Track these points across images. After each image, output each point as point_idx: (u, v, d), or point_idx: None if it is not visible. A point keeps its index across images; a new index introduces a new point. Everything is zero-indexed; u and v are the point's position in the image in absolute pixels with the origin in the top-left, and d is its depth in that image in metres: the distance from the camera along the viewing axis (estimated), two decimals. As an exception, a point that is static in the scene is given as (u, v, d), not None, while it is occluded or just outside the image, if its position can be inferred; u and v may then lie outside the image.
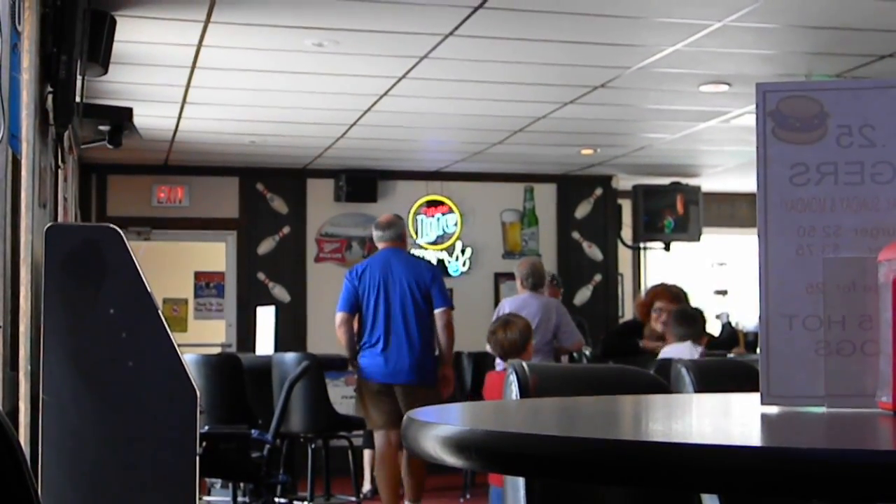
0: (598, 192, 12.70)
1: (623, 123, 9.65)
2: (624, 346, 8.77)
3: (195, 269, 14.09)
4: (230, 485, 7.60)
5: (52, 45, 4.50)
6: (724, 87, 8.05)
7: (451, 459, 1.26)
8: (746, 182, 12.49)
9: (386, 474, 7.70)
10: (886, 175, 1.50)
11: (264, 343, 9.91)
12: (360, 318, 7.76)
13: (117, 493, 3.56)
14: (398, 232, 7.82)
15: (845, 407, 1.45)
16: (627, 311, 12.75)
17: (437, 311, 7.60)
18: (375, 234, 7.93)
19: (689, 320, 7.65)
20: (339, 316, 7.78)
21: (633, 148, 10.83)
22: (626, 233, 12.89)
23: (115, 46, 6.11)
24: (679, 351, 7.27)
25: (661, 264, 12.91)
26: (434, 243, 12.09)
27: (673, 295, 8.86)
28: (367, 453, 9.23)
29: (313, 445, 8.25)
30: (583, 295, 12.58)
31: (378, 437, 7.77)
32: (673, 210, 12.58)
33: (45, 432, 3.48)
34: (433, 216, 12.13)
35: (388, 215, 8.18)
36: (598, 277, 12.70)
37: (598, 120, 9.38)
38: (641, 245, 13.02)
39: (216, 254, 12.32)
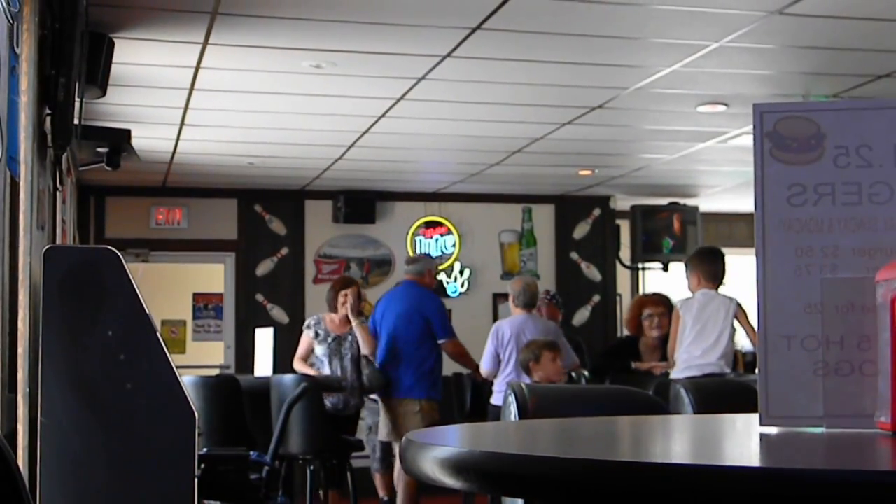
0: (597, 212, 12.71)
1: (621, 144, 9.66)
2: (613, 367, 8.78)
3: (193, 290, 14.09)
4: (228, 507, 7.57)
5: (50, 67, 4.51)
6: (722, 108, 8.07)
7: (449, 481, 1.26)
8: (744, 202, 12.51)
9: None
10: (884, 195, 1.50)
11: (263, 364, 9.89)
12: None
13: (115, 516, 3.55)
14: (418, 268, 8.77)
15: (844, 427, 1.45)
16: (626, 332, 12.75)
17: (440, 343, 8.59)
18: (404, 267, 9.17)
19: (713, 258, 7.68)
20: None
21: (631, 168, 10.84)
22: (625, 253, 12.89)
23: (114, 68, 6.12)
24: (709, 298, 7.34)
25: (660, 284, 12.90)
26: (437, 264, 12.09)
27: (658, 299, 8.91)
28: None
29: (312, 467, 8.23)
30: (581, 315, 12.58)
31: None
32: (671, 230, 12.58)
33: (43, 455, 3.47)
34: (431, 237, 12.14)
35: (420, 254, 10.33)
36: (596, 298, 12.70)
37: (596, 140, 9.39)
38: (640, 265, 13.01)
39: (215, 275, 12.31)
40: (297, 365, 8.67)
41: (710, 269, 7.62)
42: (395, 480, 8.51)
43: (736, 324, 7.45)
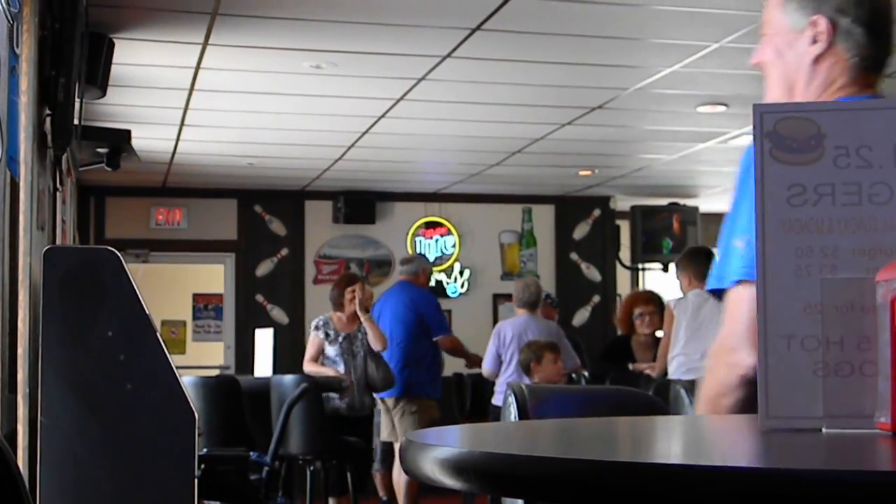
0: (597, 213, 12.72)
1: (621, 144, 9.66)
2: (612, 369, 8.80)
3: (193, 291, 14.09)
4: (228, 507, 7.57)
5: (50, 67, 4.51)
6: (722, 108, 8.07)
7: (449, 481, 1.26)
8: (744, 203, 12.49)
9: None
10: (884, 196, 1.50)
11: (263, 365, 9.89)
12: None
13: (115, 516, 3.55)
14: (413, 268, 8.97)
15: (844, 428, 1.45)
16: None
17: (436, 339, 8.77)
18: (398, 267, 9.60)
19: (704, 258, 7.65)
20: None
21: (630, 169, 10.84)
22: (625, 253, 12.89)
23: (114, 69, 6.12)
24: (703, 298, 7.32)
25: (660, 285, 12.91)
26: (432, 265, 12.08)
27: (648, 297, 8.94)
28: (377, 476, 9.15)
29: (312, 468, 8.22)
30: (581, 316, 12.58)
31: None
32: (671, 231, 12.58)
33: (43, 455, 3.47)
34: (431, 238, 12.14)
35: (414, 254, 10.75)
36: (596, 298, 12.70)
37: (596, 141, 9.39)
38: (640, 266, 13.02)
39: (214, 276, 12.31)
40: (309, 367, 8.41)
41: (700, 268, 7.62)
42: (394, 480, 8.52)
43: None
